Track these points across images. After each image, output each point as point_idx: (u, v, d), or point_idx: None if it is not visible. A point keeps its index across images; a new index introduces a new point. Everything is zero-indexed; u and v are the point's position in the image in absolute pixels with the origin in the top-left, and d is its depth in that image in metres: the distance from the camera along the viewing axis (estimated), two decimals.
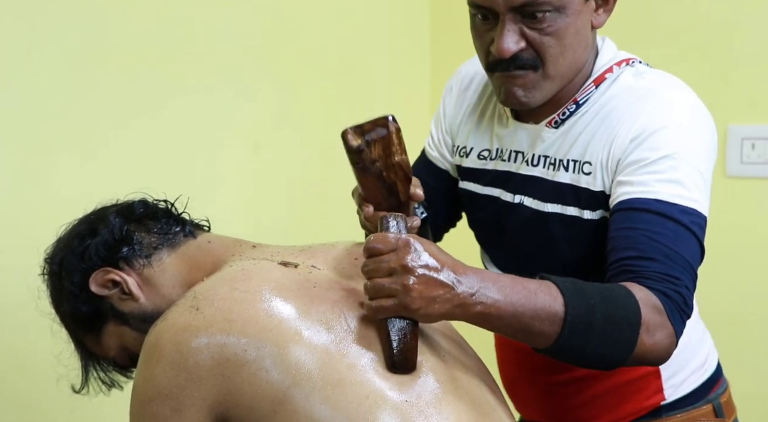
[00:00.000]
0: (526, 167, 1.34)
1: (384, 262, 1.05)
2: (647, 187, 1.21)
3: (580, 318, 1.09)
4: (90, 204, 1.30)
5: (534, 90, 1.27)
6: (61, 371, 1.33)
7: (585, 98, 1.30)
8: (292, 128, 2.21)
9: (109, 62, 1.84)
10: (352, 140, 1.14)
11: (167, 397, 1.03)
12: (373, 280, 1.06)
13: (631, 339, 1.12)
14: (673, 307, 1.16)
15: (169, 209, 1.28)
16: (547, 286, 1.11)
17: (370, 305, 1.06)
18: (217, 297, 1.07)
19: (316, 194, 2.27)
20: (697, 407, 1.37)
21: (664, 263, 1.17)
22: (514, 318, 1.08)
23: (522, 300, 1.08)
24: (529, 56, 1.25)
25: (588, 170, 1.28)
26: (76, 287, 1.22)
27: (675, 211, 1.19)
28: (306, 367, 1.03)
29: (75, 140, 1.79)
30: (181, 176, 1.92)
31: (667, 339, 1.15)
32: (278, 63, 2.16)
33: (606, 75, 1.31)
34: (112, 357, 1.27)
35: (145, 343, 1.08)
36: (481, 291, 1.06)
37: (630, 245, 1.19)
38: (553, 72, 1.26)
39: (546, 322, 1.09)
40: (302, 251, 1.22)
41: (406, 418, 1.03)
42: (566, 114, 1.31)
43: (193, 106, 1.99)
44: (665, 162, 1.21)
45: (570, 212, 1.29)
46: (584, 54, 1.29)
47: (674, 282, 1.16)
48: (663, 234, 1.18)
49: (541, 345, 1.12)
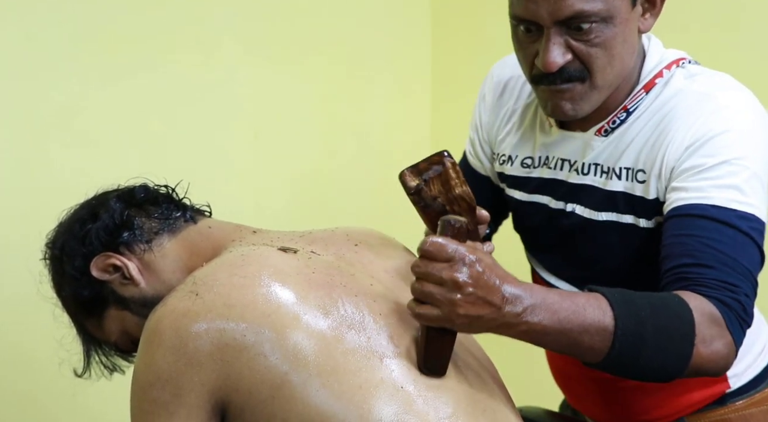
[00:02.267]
0: (576, 176, 1.31)
1: (436, 270, 1.02)
2: (703, 193, 1.18)
3: (631, 331, 1.07)
4: (91, 189, 1.30)
5: (581, 102, 1.23)
6: (63, 355, 1.33)
7: (635, 105, 1.27)
8: (292, 115, 2.21)
9: (110, 48, 1.84)
10: (410, 181, 1.13)
11: (167, 382, 1.04)
12: (422, 284, 1.03)
13: (685, 351, 1.09)
14: (731, 316, 1.13)
15: (170, 194, 1.28)
16: (597, 299, 1.08)
17: (413, 308, 1.04)
18: (216, 283, 1.07)
19: (316, 180, 2.28)
20: (760, 390, 1.34)
21: (722, 271, 1.14)
22: (562, 335, 1.06)
23: (570, 316, 1.05)
24: (576, 68, 1.21)
25: (642, 178, 1.25)
26: (77, 272, 1.23)
27: (732, 217, 1.16)
28: (303, 353, 1.03)
29: (76, 125, 1.80)
30: (182, 161, 1.92)
31: (726, 348, 1.12)
32: (278, 50, 2.16)
33: (656, 80, 1.27)
34: (113, 341, 1.27)
35: (145, 328, 1.08)
36: (527, 310, 1.04)
37: (685, 252, 1.16)
38: (600, 82, 1.22)
39: (596, 337, 1.07)
40: (302, 237, 1.22)
41: (404, 405, 1.03)
42: (616, 122, 1.27)
43: (194, 92, 1.99)
44: (722, 168, 1.18)
45: (626, 220, 1.27)
46: (632, 60, 1.25)
47: (733, 290, 1.13)
48: (720, 241, 1.15)
49: (592, 359, 1.09)
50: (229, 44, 2.05)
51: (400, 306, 1.13)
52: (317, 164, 2.26)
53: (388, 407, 1.03)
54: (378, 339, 1.07)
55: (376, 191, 2.32)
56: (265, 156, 2.15)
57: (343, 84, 2.30)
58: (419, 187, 1.13)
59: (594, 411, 1.46)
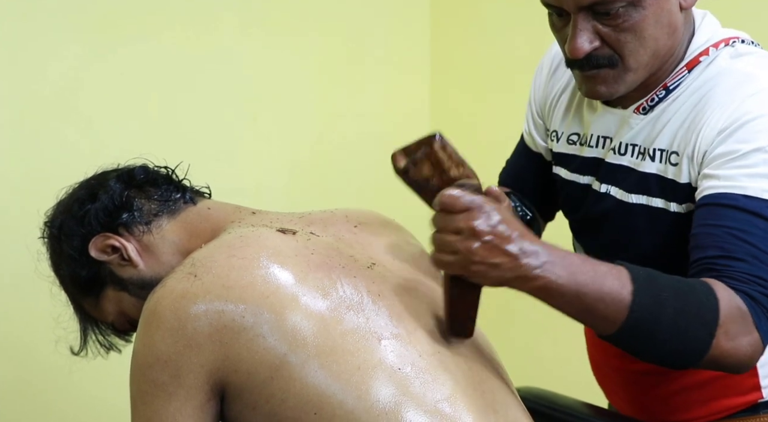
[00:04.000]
0: (613, 156, 1.28)
1: (453, 220, 1.02)
2: (735, 181, 1.13)
3: (648, 308, 1.05)
4: (90, 168, 1.30)
5: (615, 84, 1.19)
6: (60, 333, 1.34)
7: (676, 83, 1.22)
8: (291, 96, 2.21)
9: (109, 28, 1.83)
10: (398, 161, 1.11)
11: (166, 363, 1.04)
12: (440, 234, 1.03)
13: (704, 339, 1.06)
14: (759, 311, 1.09)
15: (169, 175, 1.28)
16: (618, 271, 1.06)
17: (432, 257, 1.05)
18: (215, 264, 1.07)
19: (315, 161, 2.28)
20: None
21: (752, 264, 1.10)
22: (577, 298, 1.04)
23: (588, 281, 1.04)
24: (605, 55, 1.18)
25: (675, 160, 1.21)
26: (75, 252, 1.22)
27: (765, 207, 1.12)
28: (302, 334, 1.04)
29: (75, 104, 1.79)
30: (181, 142, 1.92)
31: (750, 346, 1.08)
32: (276, 33, 2.15)
33: (701, 58, 1.22)
34: (110, 321, 1.27)
35: (144, 310, 1.08)
36: (545, 266, 1.03)
37: (715, 244, 1.12)
38: (634, 65, 1.18)
39: (611, 307, 1.04)
40: (301, 218, 1.22)
41: (402, 386, 1.04)
42: (655, 100, 1.23)
43: (194, 74, 1.99)
44: (756, 155, 1.13)
45: (656, 204, 1.23)
46: (671, 40, 1.20)
47: (763, 284, 1.09)
48: (751, 233, 1.11)
49: (605, 331, 1.08)
50: (227, 25, 2.04)
51: (399, 287, 1.13)
52: (316, 145, 2.26)
53: (385, 388, 1.03)
54: (377, 320, 1.07)
55: (375, 173, 2.30)
56: (264, 137, 2.14)
57: (342, 65, 2.29)
58: (406, 167, 1.11)
59: (626, 406, 1.42)
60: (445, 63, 2.48)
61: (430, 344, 1.09)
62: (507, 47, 2.26)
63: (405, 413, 1.02)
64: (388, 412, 1.02)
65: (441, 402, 1.04)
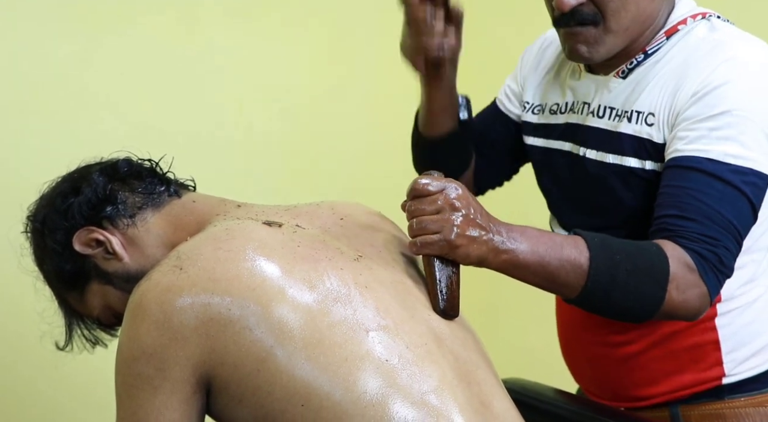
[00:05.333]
0: (592, 119, 1.34)
1: (431, 201, 1.11)
2: (700, 144, 1.21)
3: (603, 271, 1.14)
4: (73, 162, 1.29)
5: (597, 45, 1.27)
6: (45, 328, 1.33)
7: (654, 48, 1.29)
8: (276, 87, 2.20)
9: (92, 19, 1.82)
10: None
11: (152, 357, 1.03)
12: (420, 218, 1.11)
13: (656, 294, 1.16)
14: (706, 266, 1.17)
15: (153, 168, 1.27)
16: (574, 239, 1.16)
17: (415, 242, 1.12)
18: (200, 257, 1.07)
19: (301, 154, 2.27)
20: (764, 392, 1.34)
21: (703, 224, 1.18)
22: (540, 267, 1.14)
23: (549, 251, 1.13)
24: (589, 11, 1.25)
25: (651, 121, 1.27)
26: (59, 246, 1.22)
27: (725, 171, 1.19)
28: (288, 326, 1.04)
29: (58, 97, 1.78)
30: (165, 134, 1.91)
31: (699, 298, 1.18)
32: (263, 23, 2.14)
33: (679, 26, 1.29)
34: (95, 315, 1.26)
35: (129, 303, 1.08)
36: (509, 239, 1.13)
37: (673, 204, 1.20)
38: (615, 26, 1.26)
39: (571, 273, 1.14)
40: (287, 211, 1.22)
41: (389, 378, 1.04)
42: (634, 64, 1.30)
43: (178, 66, 1.97)
44: (723, 118, 1.20)
45: (629, 163, 1.29)
46: (651, 6, 1.28)
47: (711, 243, 1.18)
48: (708, 194, 1.19)
49: (568, 295, 1.17)
50: (212, 14, 2.03)
51: (386, 279, 1.13)
52: (303, 136, 2.26)
53: (373, 380, 1.03)
54: (364, 312, 1.07)
55: (361, 164, 2.31)
56: (249, 129, 2.13)
57: (328, 53, 2.29)
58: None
59: (591, 385, 1.46)
60: None
61: (418, 336, 1.09)
62: (496, 41, 2.27)
63: (392, 404, 1.02)
64: (375, 404, 1.02)
65: (428, 393, 1.04)
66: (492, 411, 1.09)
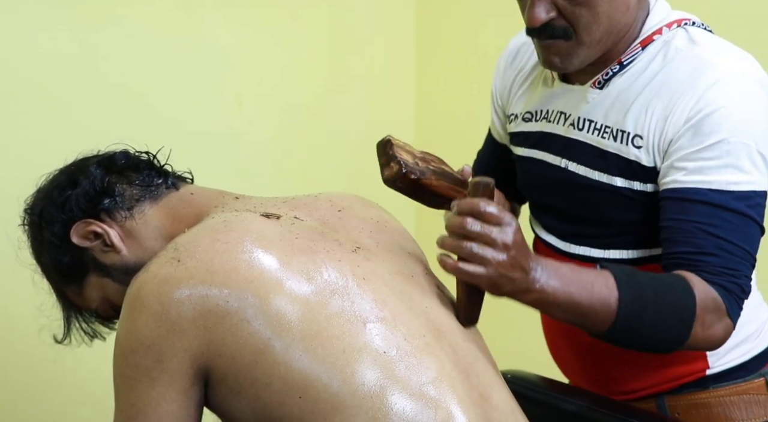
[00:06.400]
0: (572, 131, 1.33)
1: (490, 231, 1.08)
2: (702, 175, 1.21)
3: (632, 311, 1.15)
4: (70, 154, 1.29)
5: (570, 57, 1.26)
6: (43, 321, 1.33)
7: (630, 59, 1.28)
8: (275, 81, 2.20)
9: (92, 10, 1.81)
10: (388, 170, 1.17)
11: (150, 348, 1.03)
12: (471, 243, 1.08)
13: (682, 333, 1.18)
14: (731, 299, 1.20)
15: (151, 160, 1.27)
16: (605, 277, 1.16)
17: (457, 266, 1.09)
18: (198, 249, 1.07)
19: (299, 147, 2.27)
20: (748, 380, 1.36)
21: (722, 257, 1.19)
22: (571, 307, 1.14)
23: (580, 290, 1.13)
24: (561, 26, 1.24)
25: (639, 143, 1.26)
26: (56, 239, 1.22)
27: (730, 199, 1.20)
28: (286, 318, 1.04)
29: (55, 90, 1.78)
30: (163, 127, 1.90)
31: (723, 331, 1.21)
32: (262, 16, 2.14)
33: (654, 37, 1.28)
34: (94, 308, 1.26)
35: (127, 295, 1.08)
36: (543, 279, 1.12)
37: (686, 240, 1.21)
38: (587, 40, 1.25)
39: (600, 313, 1.15)
40: (285, 203, 1.22)
41: (387, 370, 1.04)
42: (609, 74, 1.29)
43: (176, 58, 1.97)
44: (720, 147, 1.20)
45: (617, 183, 1.29)
46: (625, 17, 1.26)
47: (733, 274, 1.20)
48: (719, 226, 1.20)
49: (596, 331, 1.18)
50: (211, 7, 2.03)
51: (384, 271, 1.13)
52: (301, 128, 2.25)
53: (370, 371, 1.03)
54: (362, 303, 1.07)
55: (359, 156, 2.31)
56: (248, 122, 2.13)
57: (326, 47, 2.28)
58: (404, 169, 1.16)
59: (579, 378, 1.47)
60: (430, 46, 2.48)
61: (416, 327, 1.09)
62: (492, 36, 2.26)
63: (390, 396, 1.02)
64: (373, 395, 1.02)
65: (426, 385, 1.04)
66: (491, 402, 1.09)
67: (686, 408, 1.36)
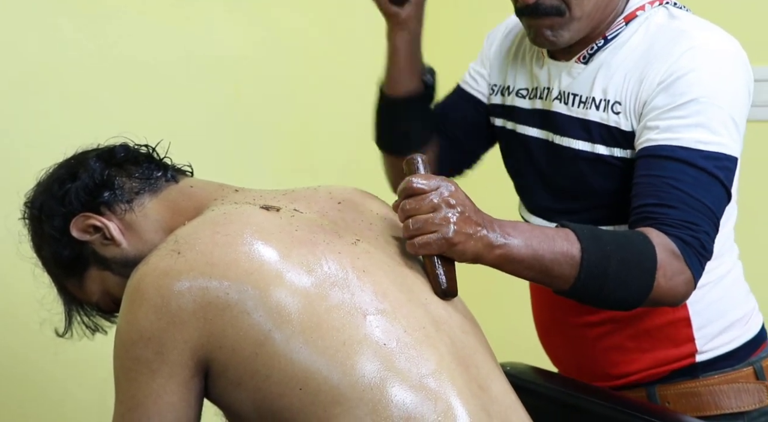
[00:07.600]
0: (558, 105, 1.36)
1: (427, 199, 1.10)
2: (672, 133, 1.23)
3: (596, 262, 1.16)
4: (70, 148, 1.29)
5: (562, 30, 1.29)
6: (44, 315, 1.33)
7: (614, 34, 1.32)
8: (273, 72, 2.19)
9: (89, 3, 1.81)
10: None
11: (150, 340, 1.04)
12: (416, 217, 1.11)
13: (646, 283, 1.18)
14: (690, 252, 1.20)
15: (150, 153, 1.27)
16: (565, 232, 1.17)
17: (414, 243, 1.11)
18: (198, 241, 1.07)
19: (299, 140, 2.27)
20: (737, 369, 1.37)
21: (683, 210, 1.21)
22: (534, 261, 1.14)
23: (541, 244, 1.14)
24: (553, 3, 1.27)
25: (618, 109, 1.30)
26: (56, 232, 1.22)
27: (697, 157, 1.22)
28: (286, 310, 1.04)
29: (54, 83, 1.77)
30: (163, 119, 1.90)
31: (685, 283, 1.21)
32: (260, 8, 2.14)
33: (637, 12, 1.32)
34: (94, 301, 1.27)
35: (127, 287, 1.08)
36: (503, 234, 1.13)
37: (651, 193, 1.23)
38: (579, 13, 1.28)
39: (564, 266, 1.15)
40: (285, 195, 1.22)
41: (387, 361, 1.04)
42: (594, 49, 1.33)
43: (173, 49, 1.97)
44: (691, 106, 1.23)
45: (599, 151, 1.32)
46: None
47: (692, 228, 1.21)
48: (684, 181, 1.22)
49: (561, 287, 1.18)
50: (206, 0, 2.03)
51: (384, 263, 1.13)
52: (300, 120, 2.25)
53: (370, 363, 1.03)
54: (362, 295, 1.07)
55: (358, 148, 2.31)
56: (247, 115, 2.13)
57: (324, 39, 2.28)
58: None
59: (569, 367, 1.49)
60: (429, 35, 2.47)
61: (416, 319, 1.09)
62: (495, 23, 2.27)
63: (390, 388, 1.03)
64: (374, 387, 1.02)
65: (426, 377, 1.05)
66: (490, 394, 1.09)
67: (676, 397, 1.37)
